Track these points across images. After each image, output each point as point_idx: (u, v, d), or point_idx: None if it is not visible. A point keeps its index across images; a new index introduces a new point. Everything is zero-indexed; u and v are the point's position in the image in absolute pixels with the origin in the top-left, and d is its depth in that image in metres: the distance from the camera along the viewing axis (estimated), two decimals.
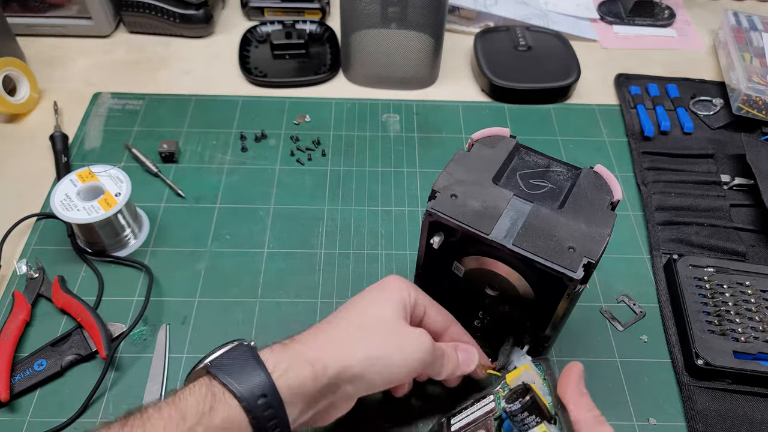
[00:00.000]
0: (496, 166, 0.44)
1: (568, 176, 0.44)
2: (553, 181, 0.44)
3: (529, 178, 0.44)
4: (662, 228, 0.62)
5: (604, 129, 0.73)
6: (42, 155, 0.67)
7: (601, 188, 0.42)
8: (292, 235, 0.61)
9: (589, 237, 0.39)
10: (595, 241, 0.39)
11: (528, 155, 0.46)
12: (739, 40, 0.79)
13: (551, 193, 0.43)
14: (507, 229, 0.40)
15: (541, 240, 0.39)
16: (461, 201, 0.41)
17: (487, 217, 0.40)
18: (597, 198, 0.42)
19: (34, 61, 0.76)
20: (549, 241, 0.39)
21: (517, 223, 0.40)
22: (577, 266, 0.38)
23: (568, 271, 0.38)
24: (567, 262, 0.38)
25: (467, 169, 0.44)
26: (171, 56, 0.81)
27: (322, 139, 0.71)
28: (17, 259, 0.58)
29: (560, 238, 0.39)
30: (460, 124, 0.73)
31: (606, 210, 0.41)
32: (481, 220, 0.40)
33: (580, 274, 0.37)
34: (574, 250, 0.38)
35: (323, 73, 0.78)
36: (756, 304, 0.53)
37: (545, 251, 0.38)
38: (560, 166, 0.45)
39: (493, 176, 0.43)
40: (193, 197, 0.64)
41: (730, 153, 0.69)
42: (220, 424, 0.34)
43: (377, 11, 0.71)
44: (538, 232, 0.39)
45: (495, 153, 0.45)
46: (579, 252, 0.38)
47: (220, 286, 0.57)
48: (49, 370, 0.49)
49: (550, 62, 0.79)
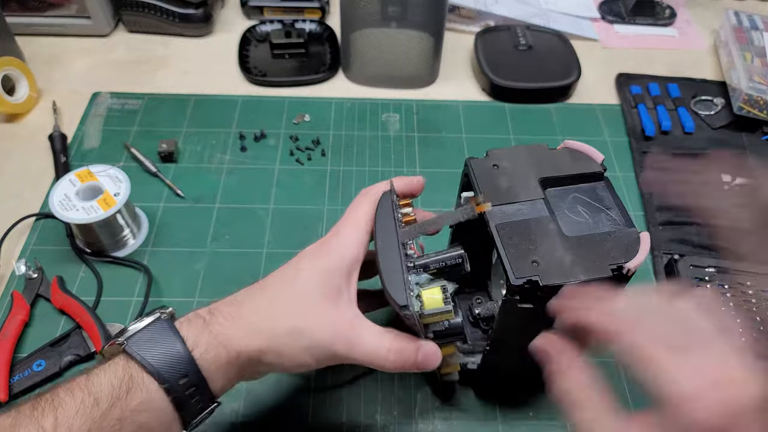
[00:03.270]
0: (559, 173, 0.42)
1: (616, 226, 0.40)
2: (596, 219, 0.40)
3: (579, 204, 0.41)
4: (663, 228, 0.62)
5: (605, 129, 0.73)
6: (41, 155, 0.67)
7: (626, 250, 0.38)
8: (291, 235, 0.61)
9: (559, 269, 0.36)
10: (558, 274, 0.36)
11: (603, 190, 0.42)
12: (740, 40, 0.79)
13: (581, 225, 0.40)
14: (507, 213, 0.39)
15: (520, 240, 0.38)
16: (497, 173, 0.42)
17: (502, 195, 0.40)
18: (612, 253, 0.37)
19: (33, 61, 0.76)
20: (526, 246, 0.37)
21: (518, 216, 0.39)
22: (523, 276, 0.36)
23: (512, 272, 0.36)
24: (519, 266, 0.36)
25: (532, 159, 0.43)
26: (170, 56, 0.81)
27: (321, 138, 0.70)
28: (16, 260, 0.57)
29: (537, 250, 0.37)
30: (461, 124, 0.73)
31: (605, 266, 0.37)
32: (494, 193, 0.40)
33: (518, 282, 0.36)
34: (537, 265, 0.36)
35: (323, 73, 0.78)
36: (757, 305, 0.53)
37: (512, 248, 0.37)
38: (619, 215, 0.40)
39: (546, 178, 0.42)
40: (192, 197, 0.64)
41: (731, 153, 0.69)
42: (137, 407, 0.33)
43: (377, 10, 0.70)
44: (525, 234, 0.38)
45: (571, 165, 0.42)
46: (538, 269, 0.36)
47: (220, 286, 0.56)
48: (48, 371, 0.49)
49: (550, 62, 0.79)
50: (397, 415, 0.49)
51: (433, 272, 0.39)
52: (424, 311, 0.37)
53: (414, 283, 0.38)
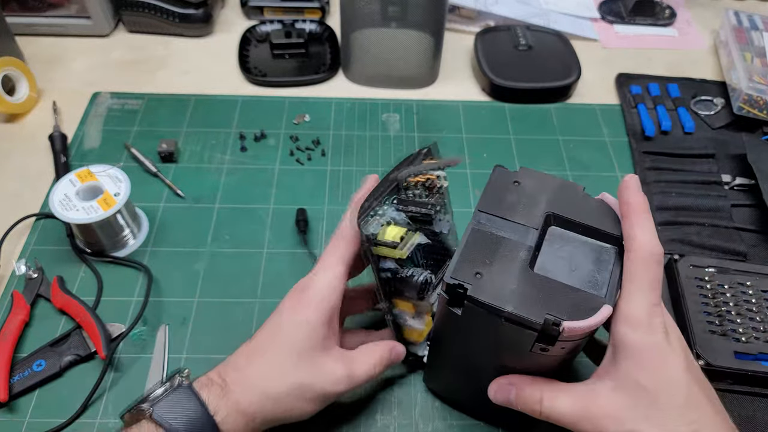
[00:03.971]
0: (573, 217, 0.39)
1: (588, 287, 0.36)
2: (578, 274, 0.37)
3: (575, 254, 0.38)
4: (663, 228, 0.62)
5: (605, 129, 0.73)
6: (41, 155, 0.67)
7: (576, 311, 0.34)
8: (291, 235, 0.61)
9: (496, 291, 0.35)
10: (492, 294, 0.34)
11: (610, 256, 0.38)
12: (740, 40, 0.79)
13: (556, 270, 0.37)
14: (490, 224, 0.39)
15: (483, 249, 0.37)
16: (512, 188, 0.41)
17: (499, 207, 0.40)
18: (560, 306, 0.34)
19: (33, 61, 0.76)
20: (483, 255, 0.37)
21: (499, 232, 0.38)
22: (458, 278, 0.35)
23: (451, 270, 0.36)
24: (462, 269, 0.36)
25: (556, 192, 0.40)
26: (170, 56, 0.81)
27: (321, 138, 0.70)
28: (16, 259, 0.57)
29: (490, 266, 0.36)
30: (461, 124, 0.73)
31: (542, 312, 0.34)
32: (493, 202, 0.40)
33: (450, 281, 0.35)
34: (480, 277, 0.35)
35: (323, 73, 0.78)
36: (757, 305, 0.53)
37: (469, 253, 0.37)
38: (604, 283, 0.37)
39: (557, 216, 0.39)
40: (192, 197, 0.64)
41: (731, 153, 0.69)
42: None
43: (377, 10, 0.70)
44: (492, 247, 0.37)
45: (593, 216, 0.39)
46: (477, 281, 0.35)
47: (220, 286, 0.56)
48: (48, 371, 0.49)
49: (550, 62, 0.79)
50: (397, 415, 0.49)
51: (410, 216, 0.41)
52: (376, 239, 0.40)
53: (389, 217, 0.41)
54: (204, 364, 0.51)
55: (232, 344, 0.52)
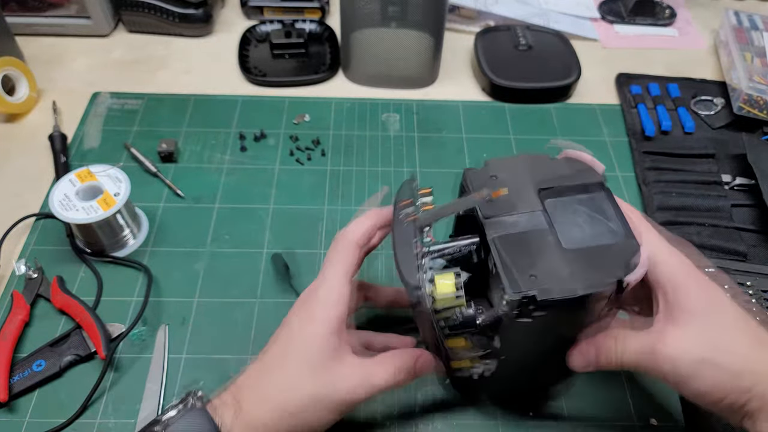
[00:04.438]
0: (559, 184, 0.41)
1: (615, 237, 0.39)
2: (596, 231, 0.39)
3: (579, 215, 0.40)
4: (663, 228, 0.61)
5: (605, 129, 0.73)
6: (41, 155, 0.67)
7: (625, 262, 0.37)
8: (291, 235, 0.61)
9: (559, 283, 0.36)
10: (557, 288, 0.35)
11: (603, 201, 0.41)
12: (740, 40, 0.79)
13: (580, 237, 0.39)
14: (504, 225, 0.39)
15: (518, 252, 0.37)
16: (494, 183, 0.41)
17: (499, 206, 0.40)
18: (611, 266, 0.37)
19: (32, 61, 0.76)
20: (524, 258, 0.37)
21: (516, 228, 0.39)
22: (519, 290, 0.35)
23: (508, 286, 0.35)
24: (514, 279, 0.36)
25: (532, 168, 0.42)
26: (170, 56, 0.81)
27: (321, 138, 0.70)
28: (16, 260, 0.57)
29: (536, 263, 0.36)
30: (461, 124, 0.73)
31: (603, 279, 0.36)
32: (491, 205, 0.40)
33: (514, 297, 0.35)
34: (535, 278, 0.36)
35: (323, 73, 0.78)
36: (757, 305, 0.53)
37: (510, 261, 0.36)
38: (620, 226, 0.40)
39: (545, 189, 0.41)
40: (192, 197, 0.64)
41: (731, 153, 0.69)
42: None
43: (377, 10, 0.70)
44: (523, 246, 0.38)
45: (570, 176, 0.42)
46: (535, 283, 0.35)
47: (220, 286, 0.56)
48: (48, 371, 0.49)
49: (550, 62, 0.79)
50: (397, 415, 0.49)
51: (448, 259, 0.39)
52: (436, 295, 0.37)
53: (428, 268, 0.38)
54: (204, 364, 0.51)
55: (232, 344, 0.52)
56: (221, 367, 0.51)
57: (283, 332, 0.42)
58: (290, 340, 0.41)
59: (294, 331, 0.41)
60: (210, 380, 0.50)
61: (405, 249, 0.39)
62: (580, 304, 0.36)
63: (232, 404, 0.39)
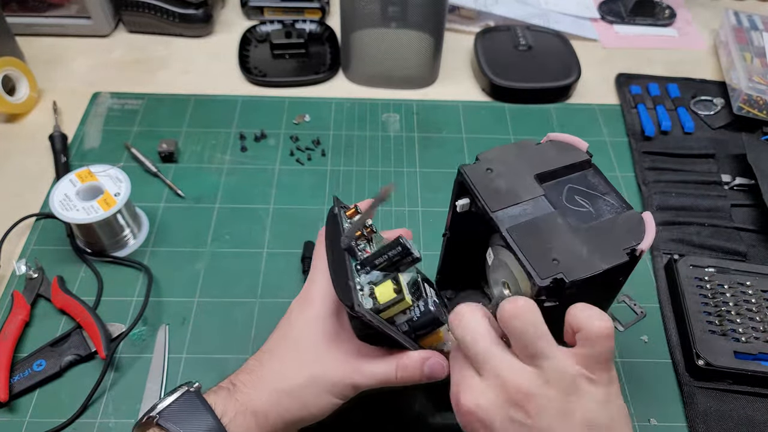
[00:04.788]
0: (551, 167, 0.43)
1: (616, 209, 0.41)
2: (596, 206, 0.41)
3: (576, 193, 0.42)
4: (663, 228, 0.62)
5: (605, 129, 0.73)
6: (41, 155, 0.67)
7: (634, 232, 0.39)
8: (291, 235, 0.61)
9: (582, 261, 0.37)
10: (582, 267, 0.37)
11: (593, 177, 0.43)
12: (740, 40, 0.79)
13: (584, 215, 0.40)
14: (513, 216, 0.40)
15: (534, 240, 0.38)
16: (492, 176, 0.42)
17: (504, 198, 0.40)
18: (622, 237, 0.39)
19: (33, 61, 0.76)
20: (541, 245, 0.38)
21: (525, 217, 0.40)
22: (547, 276, 0.36)
23: (536, 275, 0.36)
24: (540, 267, 0.36)
25: (522, 156, 0.43)
26: (170, 56, 0.81)
27: (321, 138, 0.70)
28: (16, 259, 0.57)
29: (553, 248, 0.38)
30: (461, 124, 0.73)
31: (620, 251, 0.38)
32: (496, 198, 0.40)
33: (545, 283, 0.36)
34: (558, 263, 0.37)
35: (323, 73, 0.78)
36: (757, 305, 0.53)
37: (529, 250, 0.37)
38: (616, 200, 0.42)
39: (540, 173, 0.42)
40: (192, 197, 0.64)
41: (731, 153, 0.69)
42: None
43: (377, 10, 0.70)
44: (537, 233, 0.39)
45: (559, 157, 0.43)
46: (559, 266, 0.36)
47: (220, 286, 0.57)
48: (48, 371, 0.49)
49: (550, 62, 0.79)
50: (397, 414, 0.49)
51: (384, 266, 0.39)
52: (379, 305, 0.37)
53: (366, 283, 0.39)
54: (204, 364, 0.51)
55: (232, 344, 0.52)
56: (221, 367, 0.51)
57: (283, 321, 0.43)
58: (290, 326, 0.42)
59: (293, 317, 0.42)
60: (210, 380, 0.50)
61: (338, 273, 0.39)
62: (603, 278, 0.37)
63: (228, 387, 0.39)
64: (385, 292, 0.38)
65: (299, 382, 0.39)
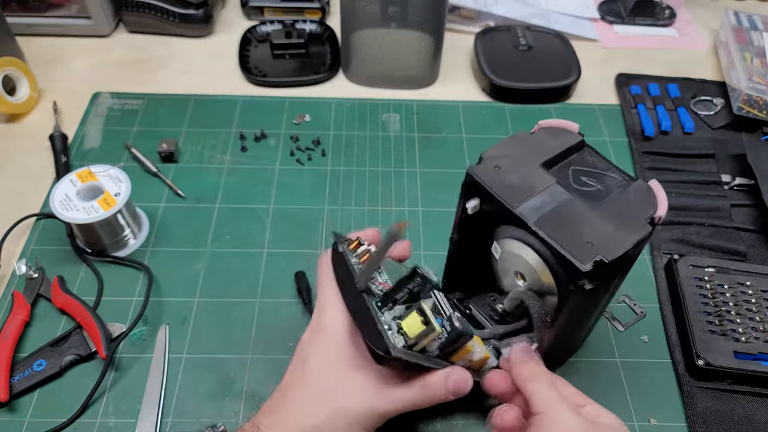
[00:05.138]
0: (552, 153, 0.43)
1: (621, 183, 0.43)
2: (604, 183, 0.43)
3: (581, 174, 0.43)
4: (663, 228, 0.62)
5: (605, 129, 0.73)
6: (41, 155, 0.67)
7: (647, 201, 0.41)
8: (291, 235, 0.61)
9: (613, 239, 0.38)
10: (616, 244, 0.37)
11: (590, 155, 0.45)
12: (740, 40, 0.79)
13: (596, 193, 0.42)
14: (535, 208, 0.40)
15: (563, 228, 0.39)
16: (502, 172, 0.42)
17: (520, 192, 0.41)
18: (638, 209, 0.40)
19: (33, 61, 0.76)
20: (570, 231, 0.38)
21: (546, 207, 0.40)
22: (588, 260, 0.37)
23: (577, 261, 0.37)
24: (579, 253, 0.37)
25: (522, 148, 0.44)
26: (170, 56, 0.81)
27: (322, 138, 0.70)
28: (17, 259, 0.57)
29: (583, 232, 0.38)
30: (461, 124, 0.73)
31: (641, 221, 0.39)
32: (512, 193, 0.40)
33: (588, 268, 0.37)
34: (592, 245, 0.37)
35: (323, 73, 0.78)
36: (757, 304, 0.53)
37: (562, 238, 0.38)
38: (617, 173, 0.43)
39: (544, 161, 0.43)
40: (192, 197, 0.64)
41: (731, 153, 0.69)
42: None
43: (377, 11, 0.70)
44: (563, 220, 0.39)
45: (556, 143, 0.44)
46: (595, 248, 0.37)
47: (220, 286, 0.57)
48: (48, 371, 0.49)
49: (550, 62, 0.79)
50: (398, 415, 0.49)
51: (405, 300, 0.39)
52: (410, 341, 0.37)
53: (391, 320, 0.38)
54: (204, 364, 0.51)
55: (232, 344, 0.52)
56: (221, 367, 0.51)
57: (296, 355, 0.42)
58: (305, 360, 0.41)
59: (306, 350, 0.41)
60: (210, 380, 0.50)
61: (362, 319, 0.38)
62: (634, 252, 0.39)
63: (251, 430, 0.38)
64: (413, 325, 0.37)
65: (324, 417, 0.38)
